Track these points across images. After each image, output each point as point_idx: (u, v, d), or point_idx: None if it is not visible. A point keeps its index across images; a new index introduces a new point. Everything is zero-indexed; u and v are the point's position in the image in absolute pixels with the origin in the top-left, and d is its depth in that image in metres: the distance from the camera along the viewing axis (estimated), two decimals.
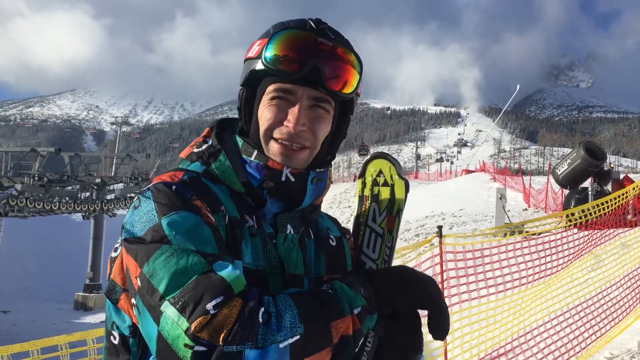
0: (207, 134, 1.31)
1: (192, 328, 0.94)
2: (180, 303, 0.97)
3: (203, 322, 0.94)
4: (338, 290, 1.07)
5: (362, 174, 1.39)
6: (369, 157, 1.41)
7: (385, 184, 1.36)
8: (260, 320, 0.96)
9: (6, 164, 33.76)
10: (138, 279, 1.05)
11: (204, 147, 1.28)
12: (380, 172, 1.37)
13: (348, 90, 1.24)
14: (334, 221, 1.47)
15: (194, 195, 1.13)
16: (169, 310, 0.98)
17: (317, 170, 1.26)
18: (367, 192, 1.38)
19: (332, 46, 1.21)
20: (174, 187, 1.13)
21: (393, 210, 1.35)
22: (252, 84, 1.25)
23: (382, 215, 1.35)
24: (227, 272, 1.01)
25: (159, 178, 1.18)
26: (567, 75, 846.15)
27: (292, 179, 1.23)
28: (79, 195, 36.21)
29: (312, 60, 1.18)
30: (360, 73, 1.26)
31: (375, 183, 1.37)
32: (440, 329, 1.17)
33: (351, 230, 1.41)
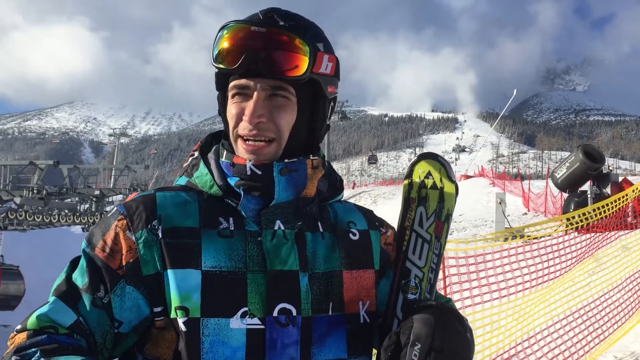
0: (196, 148, 1.33)
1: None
2: None
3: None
4: None
5: (409, 175, 1.31)
6: (416, 157, 1.32)
7: (434, 186, 1.28)
8: None
9: (5, 178, 33.72)
10: None
11: (190, 160, 1.31)
12: (429, 173, 1.29)
13: (297, 72, 1.17)
14: (365, 213, 1.39)
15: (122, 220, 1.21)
16: None
17: (286, 161, 1.21)
18: (413, 194, 1.29)
19: (266, 32, 1.16)
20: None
21: (442, 215, 1.27)
22: (223, 87, 1.25)
23: (429, 220, 1.27)
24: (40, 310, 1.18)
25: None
26: (564, 79, 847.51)
27: (258, 172, 1.20)
28: (78, 208, 36.21)
29: (246, 49, 1.16)
30: (311, 53, 1.18)
31: (423, 185, 1.29)
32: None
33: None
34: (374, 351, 1.31)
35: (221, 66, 1.19)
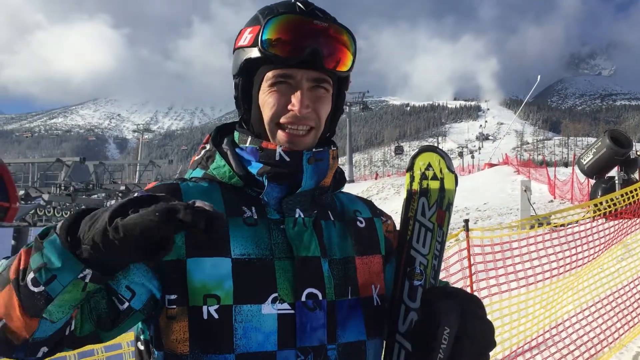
0: (206, 141, 1.35)
1: None
2: None
3: None
4: None
5: (410, 168, 1.37)
6: (417, 150, 1.38)
7: (435, 177, 1.34)
8: None
9: (33, 175, 34.32)
10: None
11: (202, 152, 1.33)
12: (429, 165, 1.35)
13: (345, 67, 1.25)
14: (366, 203, 1.46)
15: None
16: None
17: (314, 150, 1.24)
18: (415, 186, 1.35)
19: (326, 27, 1.22)
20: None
21: (443, 204, 1.33)
22: (248, 72, 1.26)
23: (431, 209, 1.33)
24: None
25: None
26: (589, 64, 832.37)
27: (287, 159, 1.22)
28: (105, 203, 36.70)
29: (310, 43, 1.19)
30: (355, 49, 1.27)
31: (424, 177, 1.35)
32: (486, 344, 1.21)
33: (399, 224, 1.39)
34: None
35: (273, 55, 1.19)
